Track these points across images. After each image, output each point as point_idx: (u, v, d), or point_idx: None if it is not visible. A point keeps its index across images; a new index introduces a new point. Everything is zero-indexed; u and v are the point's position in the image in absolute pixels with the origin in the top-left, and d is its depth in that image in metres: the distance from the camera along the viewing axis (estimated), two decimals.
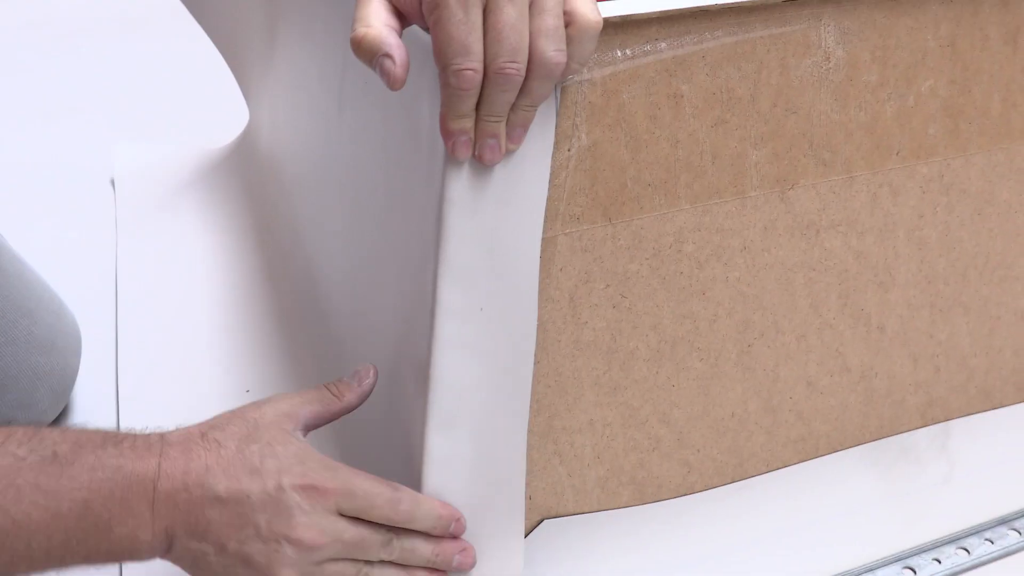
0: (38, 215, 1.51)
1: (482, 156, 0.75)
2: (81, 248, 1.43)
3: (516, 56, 0.70)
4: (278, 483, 0.77)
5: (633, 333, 0.92)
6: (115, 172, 1.58)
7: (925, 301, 1.04)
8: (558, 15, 0.71)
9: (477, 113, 0.74)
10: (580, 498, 0.95)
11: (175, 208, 1.51)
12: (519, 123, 0.75)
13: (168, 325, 1.29)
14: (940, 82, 0.96)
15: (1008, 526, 1.02)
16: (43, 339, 1.08)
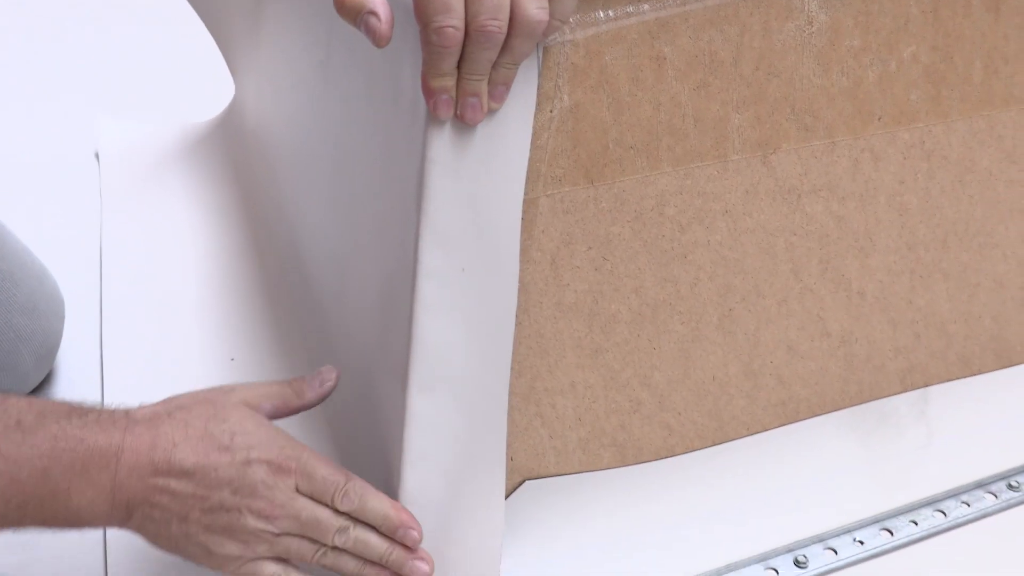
0: (23, 189, 1.50)
1: (463, 115, 0.76)
2: (66, 221, 1.43)
3: (497, 13, 0.70)
4: (246, 457, 0.79)
5: (615, 296, 0.92)
6: (100, 146, 1.57)
7: (905, 267, 1.05)
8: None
9: (459, 72, 0.74)
10: (561, 460, 0.96)
11: (160, 181, 1.51)
12: (501, 81, 0.75)
13: (153, 295, 1.29)
14: (922, 48, 0.96)
15: (984, 489, 1.03)
16: (25, 302, 1.08)
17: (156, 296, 1.28)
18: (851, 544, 0.97)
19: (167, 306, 1.27)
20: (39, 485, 0.74)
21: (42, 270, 1.14)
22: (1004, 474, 1.05)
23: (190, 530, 0.78)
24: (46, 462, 0.74)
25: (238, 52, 1.51)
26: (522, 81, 0.78)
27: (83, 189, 1.49)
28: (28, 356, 1.09)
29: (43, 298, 1.12)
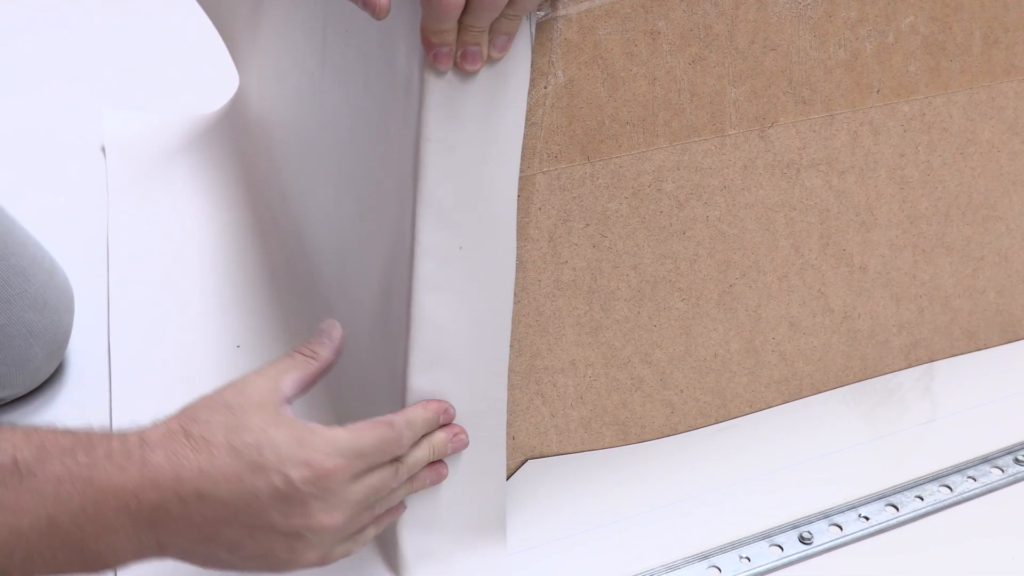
0: (31, 182, 1.51)
1: (463, 62, 0.75)
2: (73, 213, 1.43)
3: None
4: (285, 477, 0.71)
5: (614, 273, 0.92)
6: (106, 139, 1.58)
7: (908, 241, 1.04)
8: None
9: (460, 23, 0.73)
10: (563, 438, 0.96)
11: (166, 173, 1.51)
12: (504, 31, 0.75)
13: (159, 285, 1.29)
14: (920, 19, 0.96)
15: (991, 464, 1.02)
16: (36, 297, 1.08)
17: (163, 286, 1.29)
18: (856, 520, 0.96)
19: (174, 296, 1.27)
20: (46, 535, 0.66)
21: (52, 264, 1.15)
22: (1010, 448, 1.04)
23: (244, 556, 0.73)
24: (51, 509, 0.66)
25: (241, 42, 1.51)
26: (516, 57, 0.78)
27: (90, 182, 1.50)
28: (39, 351, 1.10)
29: (53, 292, 1.12)
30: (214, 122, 1.59)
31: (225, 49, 1.57)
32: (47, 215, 1.39)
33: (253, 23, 1.42)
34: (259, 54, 1.44)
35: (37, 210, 1.38)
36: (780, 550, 0.93)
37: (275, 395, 0.77)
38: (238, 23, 1.49)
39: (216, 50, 1.58)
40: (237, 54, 1.55)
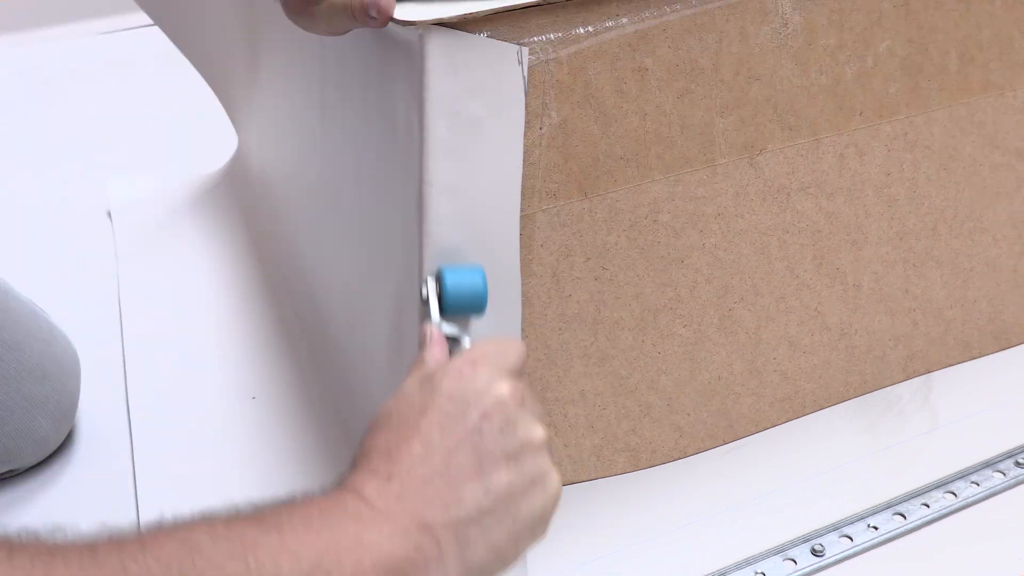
0: (39, 249, 1.53)
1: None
2: (83, 278, 1.45)
3: None
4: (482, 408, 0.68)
5: (616, 303, 0.94)
6: (111, 204, 1.60)
7: (898, 257, 1.07)
8: None
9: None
10: (577, 467, 0.98)
11: (172, 234, 1.54)
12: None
13: (173, 343, 1.31)
14: (897, 42, 0.99)
15: (993, 468, 1.05)
16: (34, 368, 1.08)
17: (176, 345, 1.31)
18: (866, 530, 0.99)
19: (188, 353, 1.29)
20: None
21: (50, 332, 1.14)
22: (1010, 452, 1.06)
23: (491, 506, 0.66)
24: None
25: (238, 102, 1.54)
26: (509, 101, 0.81)
27: (98, 247, 1.52)
28: (44, 421, 1.10)
29: (52, 361, 1.12)
30: (216, 181, 1.62)
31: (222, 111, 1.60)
32: (56, 282, 1.41)
33: (249, 82, 1.45)
34: (257, 112, 1.47)
35: (46, 277, 1.40)
36: (794, 564, 0.96)
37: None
38: (234, 82, 1.52)
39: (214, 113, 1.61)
40: (235, 114, 1.58)
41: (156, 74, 2.04)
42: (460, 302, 0.79)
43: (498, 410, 0.68)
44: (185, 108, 1.86)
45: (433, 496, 0.65)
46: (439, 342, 0.75)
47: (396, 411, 0.69)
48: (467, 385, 0.69)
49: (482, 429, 0.67)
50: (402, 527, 0.63)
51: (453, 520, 0.64)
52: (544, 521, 0.70)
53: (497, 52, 0.80)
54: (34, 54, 2.21)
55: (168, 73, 1.82)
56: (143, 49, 2.13)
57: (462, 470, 0.66)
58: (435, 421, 0.67)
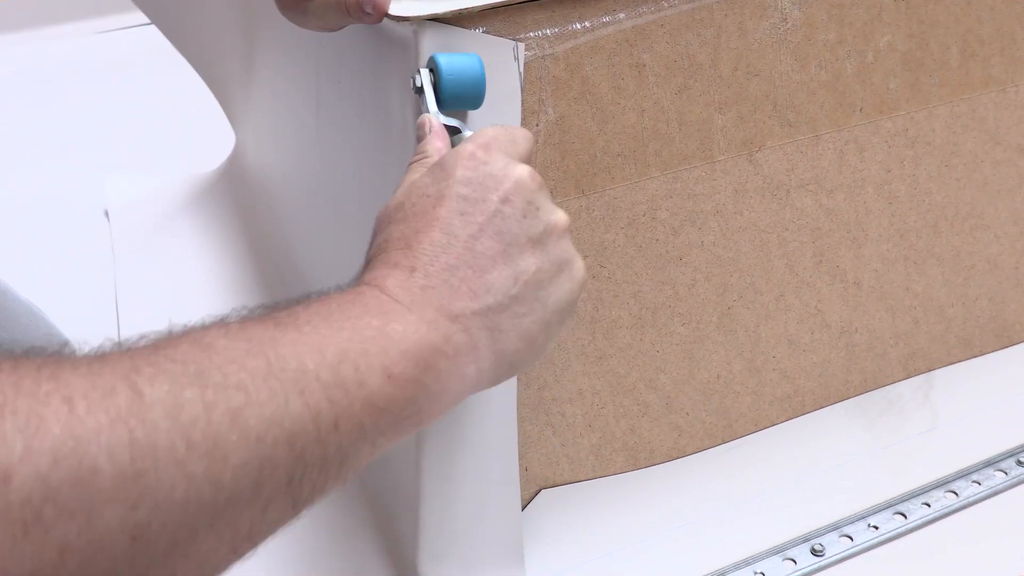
0: (37, 249, 1.53)
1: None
2: (81, 277, 1.45)
3: None
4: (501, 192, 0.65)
5: (615, 302, 0.94)
6: (109, 203, 1.60)
7: (899, 254, 1.07)
8: None
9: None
10: (575, 467, 0.97)
11: (170, 233, 1.53)
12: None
13: None
14: (898, 37, 0.98)
15: (994, 467, 1.04)
16: None
17: None
18: (866, 530, 0.98)
19: None
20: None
21: (48, 332, 1.13)
22: (1012, 451, 1.06)
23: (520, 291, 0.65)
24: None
25: (235, 100, 1.54)
26: (505, 98, 0.80)
27: (95, 246, 1.51)
28: None
29: None
30: (214, 180, 1.61)
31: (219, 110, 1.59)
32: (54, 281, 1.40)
33: (246, 80, 1.45)
34: (254, 110, 1.46)
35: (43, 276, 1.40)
36: (793, 563, 0.95)
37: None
38: (231, 80, 1.51)
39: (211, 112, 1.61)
40: (232, 111, 1.57)
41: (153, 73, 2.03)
42: (458, 91, 0.74)
43: (519, 193, 0.66)
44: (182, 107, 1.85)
45: (459, 285, 0.62)
46: (439, 132, 0.72)
47: (408, 201, 0.66)
48: (483, 169, 0.66)
49: (504, 212, 0.65)
50: (429, 318, 0.60)
51: (482, 309, 0.62)
52: (571, 307, 0.68)
53: (493, 48, 0.79)
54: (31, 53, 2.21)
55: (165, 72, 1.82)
56: (140, 48, 2.12)
57: (487, 256, 0.64)
58: (454, 208, 0.64)
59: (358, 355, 0.57)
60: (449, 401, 0.62)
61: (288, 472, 0.53)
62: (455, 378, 0.62)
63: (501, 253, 0.64)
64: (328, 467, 0.56)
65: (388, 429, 0.58)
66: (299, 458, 0.53)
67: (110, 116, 1.93)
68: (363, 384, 0.56)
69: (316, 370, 0.55)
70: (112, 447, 0.46)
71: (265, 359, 0.54)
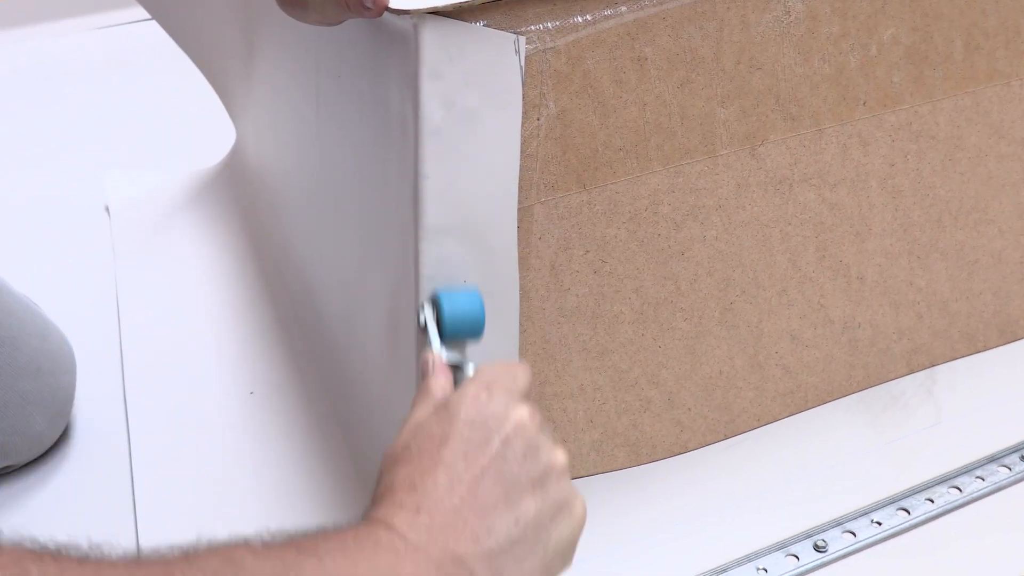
0: (37, 245, 1.53)
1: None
2: (81, 274, 1.45)
3: None
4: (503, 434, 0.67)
5: (616, 297, 0.93)
6: (109, 200, 1.59)
7: (902, 249, 1.06)
8: None
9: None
10: (576, 462, 0.97)
11: (170, 229, 1.53)
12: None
13: (170, 338, 1.30)
14: (901, 30, 0.98)
15: (998, 463, 1.04)
16: (27, 365, 1.07)
17: (174, 340, 1.30)
18: (869, 525, 0.98)
19: (185, 348, 1.28)
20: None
21: (44, 328, 1.13)
22: (1016, 447, 1.05)
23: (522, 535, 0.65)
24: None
25: (235, 95, 1.53)
26: (506, 91, 0.80)
27: (96, 242, 1.51)
28: (39, 417, 1.09)
29: (46, 358, 1.11)
30: (214, 176, 1.61)
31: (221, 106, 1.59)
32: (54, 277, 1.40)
33: (246, 75, 1.44)
34: (254, 105, 1.46)
35: (44, 273, 1.40)
36: (796, 559, 0.95)
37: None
38: (231, 76, 1.51)
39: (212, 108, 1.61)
40: (232, 108, 1.57)
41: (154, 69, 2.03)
42: (459, 327, 0.77)
43: (519, 435, 0.67)
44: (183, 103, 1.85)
45: (463, 528, 0.63)
46: (443, 370, 0.74)
47: (414, 442, 0.67)
48: (485, 410, 0.67)
49: (506, 455, 0.66)
50: (436, 560, 0.62)
51: (486, 552, 0.63)
52: (572, 547, 0.70)
53: (493, 41, 0.79)
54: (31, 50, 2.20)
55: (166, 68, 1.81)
56: (141, 44, 2.12)
57: (489, 499, 0.65)
58: (457, 449, 0.66)
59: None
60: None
61: None
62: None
63: (502, 495, 0.65)
64: None
65: None
66: None
67: (110, 112, 1.93)
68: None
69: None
70: None
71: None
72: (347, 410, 1.13)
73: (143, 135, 1.84)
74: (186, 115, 1.85)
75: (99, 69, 2.11)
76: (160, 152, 1.78)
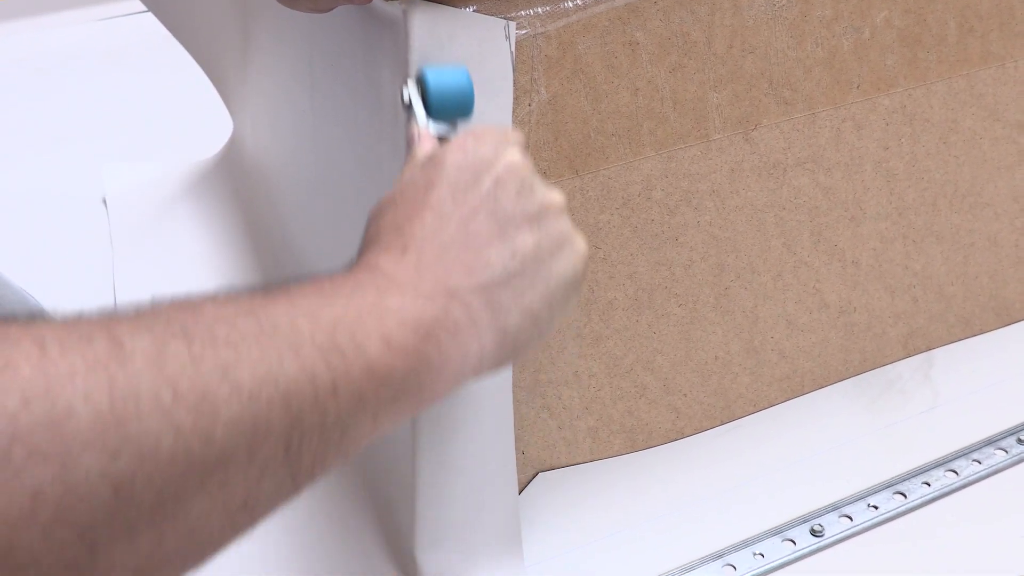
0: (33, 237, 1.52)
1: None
2: (79, 265, 1.44)
3: None
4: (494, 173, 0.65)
5: (610, 283, 0.93)
6: (106, 192, 1.59)
7: (897, 233, 1.06)
8: None
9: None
10: (572, 450, 0.97)
11: (168, 221, 1.53)
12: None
13: None
14: (895, 12, 0.97)
15: (995, 446, 1.03)
16: None
17: None
18: (866, 509, 0.97)
19: None
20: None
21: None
22: (1012, 429, 1.05)
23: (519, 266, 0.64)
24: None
25: (231, 85, 1.53)
26: (497, 77, 0.79)
27: (93, 235, 1.51)
28: None
29: None
30: (212, 167, 1.61)
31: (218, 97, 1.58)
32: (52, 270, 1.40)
33: (242, 65, 1.44)
34: (250, 96, 1.46)
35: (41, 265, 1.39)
36: (793, 544, 0.94)
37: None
38: (228, 67, 1.51)
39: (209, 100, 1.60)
40: (229, 98, 1.57)
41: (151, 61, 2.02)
42: (446, 103, 0.73)
43: (512, 174, 0.65)
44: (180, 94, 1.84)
45: (454, 262, 0.61)
46: (429, 138, 0.72)
47: (400, 193, 0.65)
48: (475, 154, 0.65)
49: (497, 195, 0.64)
50: (426, 292, 0.59)
51: (480, 284, 0.61)
52: (576, 283, 0.67)
53: (484, 27, 0.79)
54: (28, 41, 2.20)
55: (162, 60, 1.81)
56: (137, 36, 2.11)
57: (482, 235, 0.63)
58: (445, 192, 0.64)
59: (354, 323, 0.55)
60: (452, 378, 0.61)
61: (285, 436, 0.50)
62: (457, 353, 0.60)
63: (497, 231, 0.63)
64: (328, 437, 0.53)
65: (389, 402, 0.56)
66: (296, 422, 0.51)
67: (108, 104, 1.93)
68: (361, 351, 0.54)
69: (311, 333, 0.53)
70: (89, 391, 0.44)
71: (256, 320, 0.52)
72: None
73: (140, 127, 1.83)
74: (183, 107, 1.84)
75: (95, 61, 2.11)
76: (157, 144, 1.78)
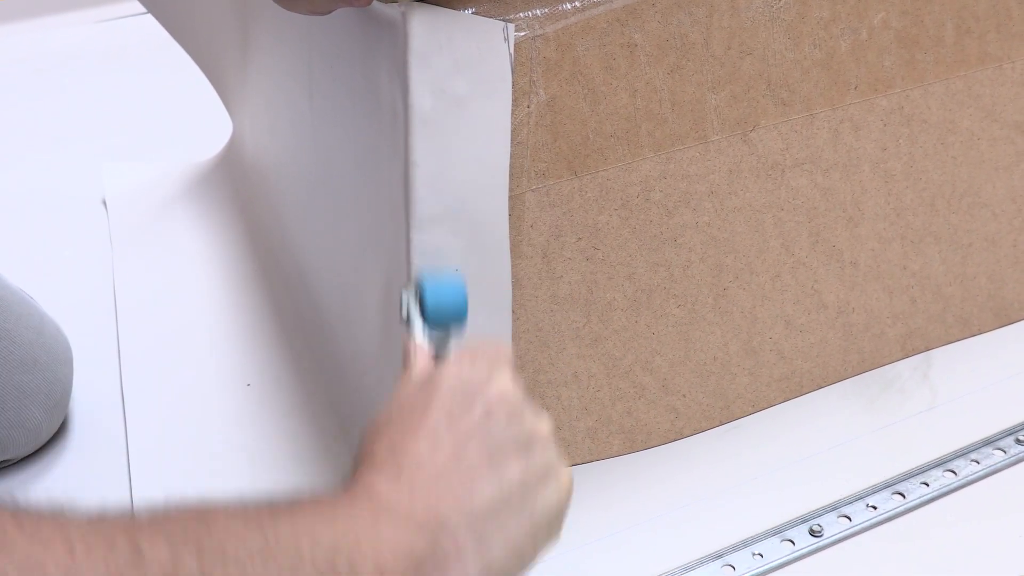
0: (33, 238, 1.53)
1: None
2: (78, 266, 1.44)
3: None
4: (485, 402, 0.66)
5: (609, 284, 0.93)
6: (106, 192, 1.59)
7: (895, 233, 1.06)
8: None
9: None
10: (571, 450, 0.97)
11: (167, 221, 1.53)
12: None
13: (167, 331, 1.30)
14: (892, 14, 0.98)
15: (993, 446, 1.03)
16: (23, 358, 1.07)
17: (171, 332, 1.30)
18: (865, 510, 0.98)
19: (182, 340, 1.28)
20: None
21: (40, 320, 1.13)
22: (1011, 429, 1.05)
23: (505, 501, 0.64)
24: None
25: (231, 86, 1.53)
26: (496, 79, 0.80)
27: (93, 235, 1.51)
28: (36, 410, 1.08)
29: (42, 350, 1.10)
30: (211, 168, 1.61)
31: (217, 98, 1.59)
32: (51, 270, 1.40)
33: (242, 67, 1.44)
34: (249, 96, 1.46)
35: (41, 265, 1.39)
36: (792, 544, 0.95)
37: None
38: (227, 68, 1.51)
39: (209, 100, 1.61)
40: (228, 100, 1.57)
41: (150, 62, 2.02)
42: (442, 314, 0.75)
43: (503, 401, 0.66)
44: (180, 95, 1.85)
45: (445, 491, 0.62)
46: (425, 354, 0.73)
47: (397, 414, 0.66)
48: (468, 379, 0.67)
49: (489, 421, 0.65)
50: (417, 521, 0.60)
51: (469, 514, 0.62)
52: (560, 517, 0.68)
53: (482, 29, 0.79)
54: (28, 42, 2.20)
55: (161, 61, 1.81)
56: (136, 38, 2.11)
57: (473, 463, 0.64)
58: (440, 416, 0.65)
59: (352, 548, 0.57)
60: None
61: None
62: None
63: (486, 460, 0.64)
64: None
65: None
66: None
67: (107, 105, 1.93)
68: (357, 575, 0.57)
69: (311, 556, 0.56)
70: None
71: (263, 537, 0.55)
72: (344, 402, 1.13)
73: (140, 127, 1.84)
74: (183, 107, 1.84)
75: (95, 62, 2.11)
76: (157, 144, 1.78)
